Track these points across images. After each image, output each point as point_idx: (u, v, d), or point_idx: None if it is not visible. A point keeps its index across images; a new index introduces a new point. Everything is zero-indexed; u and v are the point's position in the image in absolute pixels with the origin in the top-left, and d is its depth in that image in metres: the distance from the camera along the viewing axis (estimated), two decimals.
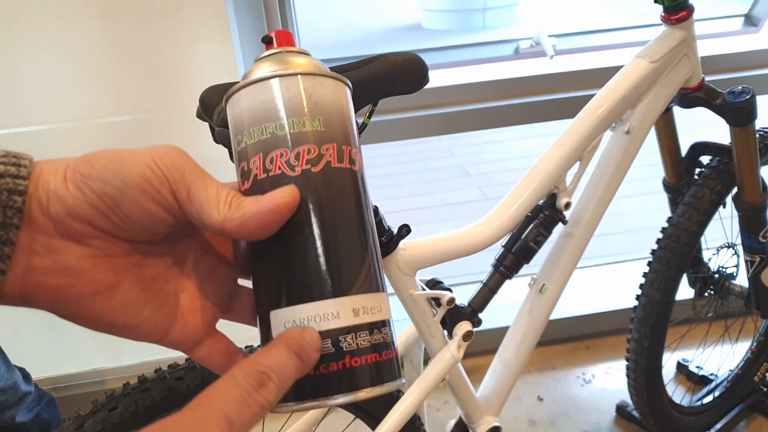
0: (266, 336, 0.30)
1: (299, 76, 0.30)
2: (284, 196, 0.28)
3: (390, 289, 0.77)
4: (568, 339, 1.62)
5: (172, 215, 0.28)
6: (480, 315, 0.82)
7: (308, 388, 0.28)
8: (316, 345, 0.28)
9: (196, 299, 0.32)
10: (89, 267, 0.28)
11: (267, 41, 0.33)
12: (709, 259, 1.18)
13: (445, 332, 0.82)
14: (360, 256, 0.30)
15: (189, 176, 0.28)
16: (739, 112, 0.93)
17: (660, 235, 1.04)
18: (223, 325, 0.34)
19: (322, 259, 0.29)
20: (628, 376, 1.17)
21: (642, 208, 2.34)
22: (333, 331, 0.29)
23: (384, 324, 0.31)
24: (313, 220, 0.29)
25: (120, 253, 0.29)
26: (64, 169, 0.27)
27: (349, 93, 0.33)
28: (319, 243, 0.29)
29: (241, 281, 0.35)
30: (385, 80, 0.60)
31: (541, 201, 0.82)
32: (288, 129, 0.29)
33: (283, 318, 0.29)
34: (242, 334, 0.36)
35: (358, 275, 0.30)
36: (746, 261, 1.12)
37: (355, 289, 0.29)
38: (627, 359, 1.15)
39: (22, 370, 1.15)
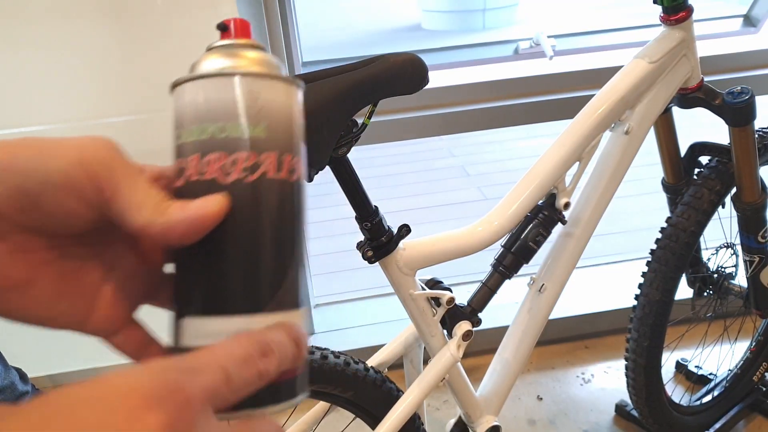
0: (177, 340, 0.29)
1: (247, 77, 0.28)
2: (212, 206, 0.27)
3: (389, 288, 0.78)
4: (567, 339, 1.62)
5: (95, 212, 0.27)
6: (479, 314, 0.83)
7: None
8: (307, 345, 0.28)
9: (118, 290, 0.31)
10: (4, 263, 0.27)
11: (222, 29, 0.31)
12: (708, 259, 1.18)
13: (445, 332, 0.82)
14: (281, 273, 0.29)
15: (117, 173, 0.27)
16: (738, 113, 0.93)
17: (659, 235, 1.04)
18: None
19: (241, 274, 0.28)
20: (627, 375, 1.17)
21: (641, 208, 2.34)
22: None
23: None
24: (239, 232, 0.28)
25: (39, 247, 0.28)
26: None
27: (300, 96, 0.31)
28: (240, 257, 0.28)
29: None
30: (385, 81, 0.60)
31: (541, 201, 0.83)
32: (228, 133, 0.28)
33: (193, 327, 0.28)
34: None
35: (275, 293, 0.28)
36: (745, 261, 1.12)
37: (270, 307, 0.28)
38: (626, 359, 1.15)
39: (19, 370, 1.15)
